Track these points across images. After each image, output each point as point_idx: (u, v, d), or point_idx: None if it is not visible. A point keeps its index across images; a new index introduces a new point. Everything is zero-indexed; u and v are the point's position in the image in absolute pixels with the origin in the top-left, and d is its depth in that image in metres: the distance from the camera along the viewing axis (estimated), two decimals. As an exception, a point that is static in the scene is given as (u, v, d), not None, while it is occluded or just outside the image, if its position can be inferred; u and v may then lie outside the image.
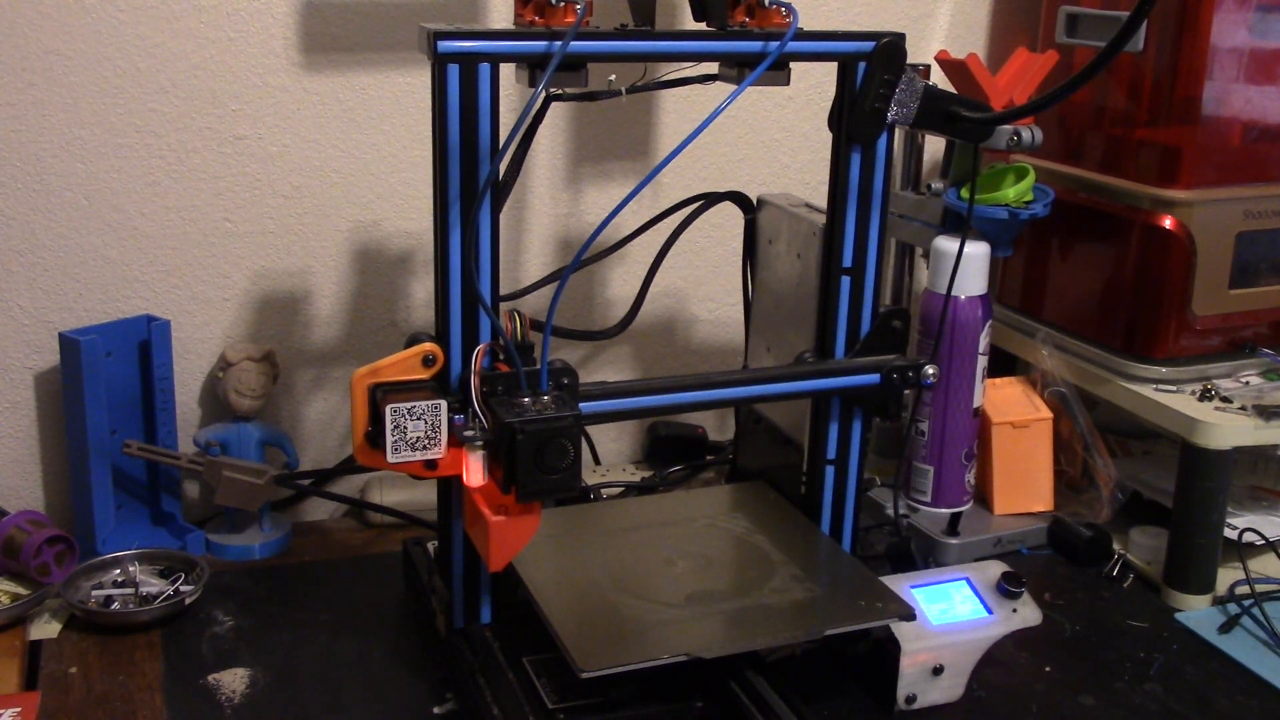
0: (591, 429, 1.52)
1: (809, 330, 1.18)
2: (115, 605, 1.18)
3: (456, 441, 0.99)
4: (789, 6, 1.04)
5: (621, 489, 1.45)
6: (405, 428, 0.97)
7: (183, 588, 1.21)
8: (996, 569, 1.12)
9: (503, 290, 1.05)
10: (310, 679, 1.10)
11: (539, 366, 0.99)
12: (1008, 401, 1.40)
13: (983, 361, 1.33)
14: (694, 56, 1.07)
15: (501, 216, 1.03)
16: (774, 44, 1.03)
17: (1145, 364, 1.34)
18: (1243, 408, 1.27)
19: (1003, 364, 1.47)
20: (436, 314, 1.04)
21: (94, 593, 1.20)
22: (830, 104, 1.13)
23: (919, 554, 1.28)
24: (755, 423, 1.32)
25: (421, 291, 1.44)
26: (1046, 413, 1.40)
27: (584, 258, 1.04)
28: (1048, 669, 1.15)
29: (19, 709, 1.01)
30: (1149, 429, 1.36)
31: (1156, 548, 1.31)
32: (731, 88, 1.03)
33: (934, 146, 1.49)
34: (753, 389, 1.13)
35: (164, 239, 1.33)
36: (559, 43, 0.97)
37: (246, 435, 1.33)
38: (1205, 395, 1.30)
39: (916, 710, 1.06)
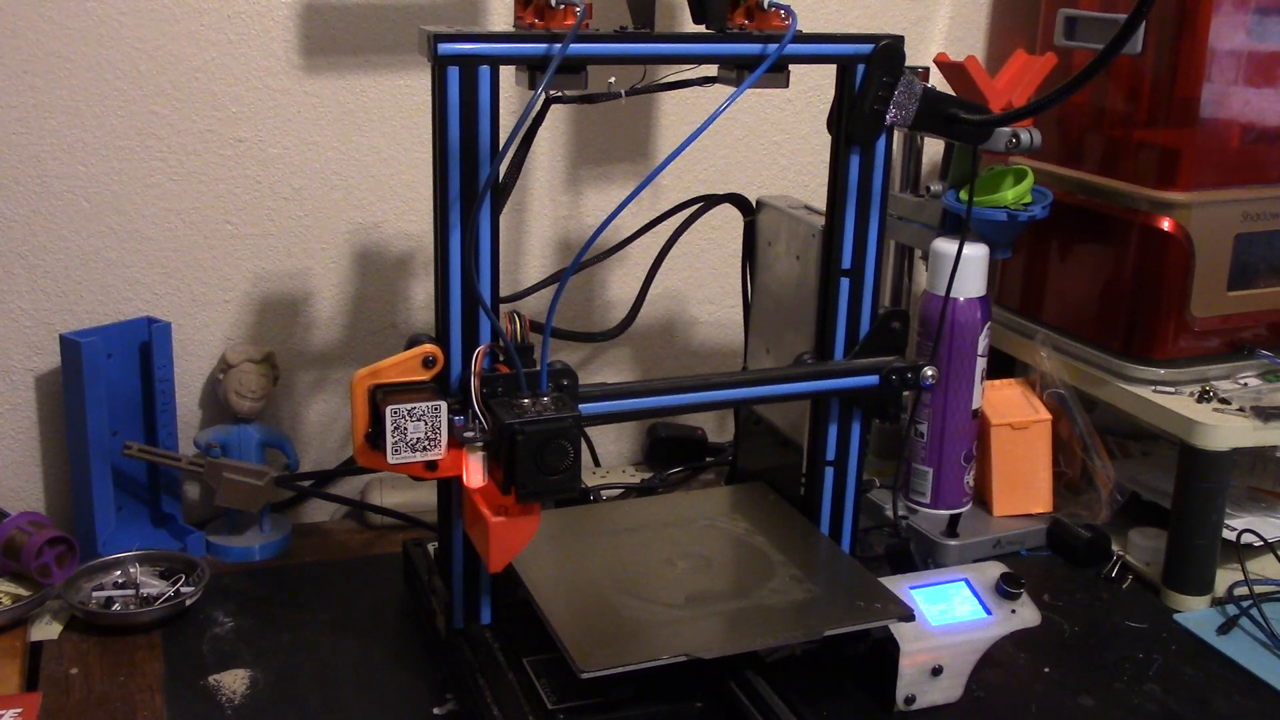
0: (591, 430, 1.52)
1: (808, 332, 1.19)
2: (116, 606, 1.18)
3: (457, 443, 0.99)
4: (788, 9, 1.04)
5: (621, 490, 1.46)
6: (405, 429, 0.97)
7: (183, 589, 1.21)
8: (995, 570, 1.12)
9: (503, 292, 1.05)
10: (310, 680, 1.10)
11: (539, 368, 0.99)
12: (1007, 403, 1.40)
13: (982, 363, 1.33)
14: (693, 59, 1.08)
15: (501, 218, 1.03)
16: (773, 46, 1.04)
17: (1144, 365, 1.34)
18: (1241, 409, 1.27)
19: (1002, 365, 1.47)
20: (436, 315, 1.04)
21: (94, 594, 1.20)
22: (829, 106, 1.13)
23: (918, 555, 1.28)
24: (755, 424, 1.32)
25: (421, 293, 1.44)
26: (1045, 414, 1.40)
27: (584, 259, 1.04)
28: (1047, 670, 1.15)
29: (20, 710, 1.02)
30: (1148, 430, 1.37)
31: (1155, 549, 1.31)
32: (731, 90, 1.03)
33: (933, 149, 1.49)
34: (752, 390, 1.13)
35: (165, 241, 1.33)
36: (559, 45, 0.97)
37: (247, 437, 1.33)
38: (1204, 397, 1.30)
39: (916, 711, 1.07)
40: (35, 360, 1.32)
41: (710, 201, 1.31)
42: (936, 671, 1.06)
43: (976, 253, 1.30)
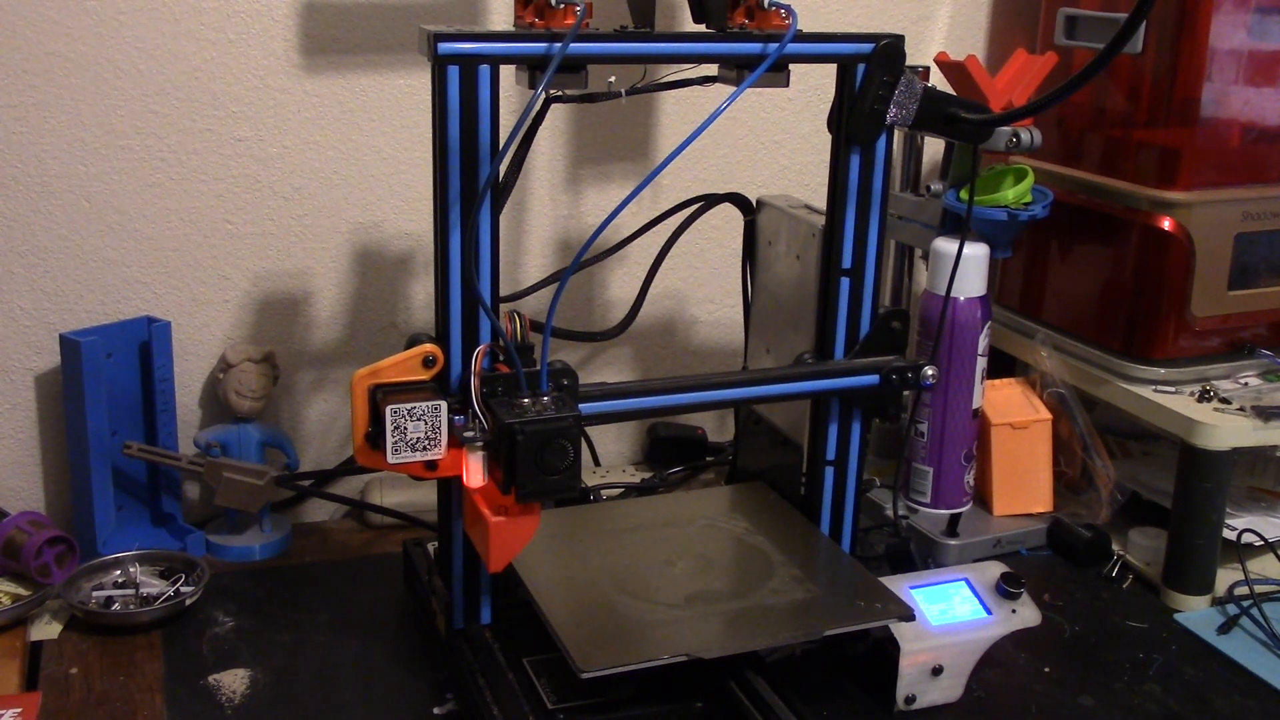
0: (591, 430, 1.52)
1: (808, 331, 1.19)
2: (116, 606, 1.18)
3: (456, 442, 0.99)
4: (788, 8, 1.04)
5: (621, 490, 1.46)
6: (405, 428, 0.97)
7: (183, 589, 1.21)
8: (996, 570, 1.12)
9: (503, 291, 1.05)
10: (310, 680, 1.10)
11: (539, 367, 0.99)
12: (1007, 403, 1.40)
13: (982, 363, 1.33)
14: (693, 58, 1.08)
15: (501, 218, 1.03)
16: (773, 46, 1.04)
17: (1144, 365, 1.34)
18: (1241, 409, 1.27)
19: (1002, 365, 1.47)
20: (436, 315, 1.04)
21: (94, 593, 1.20)
22: (829, 106, 1.13)
23: (918, 555, 1.28)
24: (755, 424, 1.32)
25: (422, 293, 1.44)
26: (1045, 414, 1.40)
27: (584, 259, 1.04)
28: (1047, 669, 1.15)
29: (20, 709, 1.01)
30: (1148, 430, 1.37)
31: (1155, 548, 1.31)
32: (731, 89, 1.03)
33: (933, 148, 1.49)
34: (752, 390, 1.13)
35: (165, 240, 1.33)
36: (559, 44, 0.97)
37: (247, 436, 1.33)
38: (1204, 396, 1.30)
39: (916, 710, 1.07)
40: (35, 360, 1.32)
41: (710, 201, 1.31)
42: (936, 671, 1.06)
43: (977, 252, 1.30)
